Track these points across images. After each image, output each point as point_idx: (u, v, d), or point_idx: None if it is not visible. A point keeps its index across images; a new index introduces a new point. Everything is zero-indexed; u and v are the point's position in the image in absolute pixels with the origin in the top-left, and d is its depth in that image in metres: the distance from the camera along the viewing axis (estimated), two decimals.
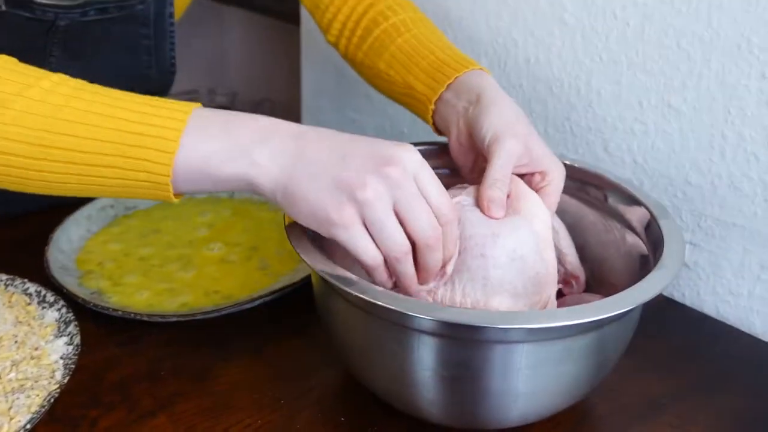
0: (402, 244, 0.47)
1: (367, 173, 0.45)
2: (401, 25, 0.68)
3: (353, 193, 0.45)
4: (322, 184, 0.46)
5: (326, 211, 0.46)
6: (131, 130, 0.47)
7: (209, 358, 0.61)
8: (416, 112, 0.66)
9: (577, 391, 0.50)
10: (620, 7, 0.70)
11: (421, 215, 0.46)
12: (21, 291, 0.64)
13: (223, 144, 0.47)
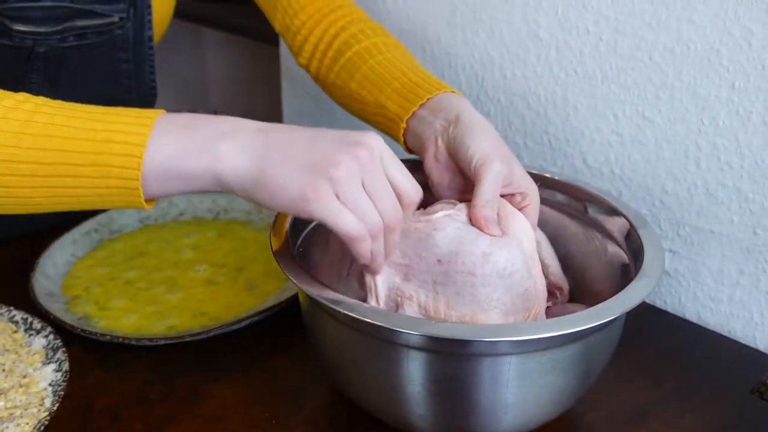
0: (377, 220, 0.48)
1: (337, 153, 0.46)
2: (373, 48, 0.70)
3: (326, 171, 0.46)
4: (294, 168, 0.47)
5: (302, 191, 0.46)
6: (98, 138, 0.47)
7: (199, 380, 0.61)
8: (387, 131, 0.67)
9: (564, 401, 0.51)
10: (592, 23, 0.72)
11: (388, 197, 0.48)
12: (7, 319, 0.64)
13: (188, 142, 0.47)
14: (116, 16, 0.73)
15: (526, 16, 0.77)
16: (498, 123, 0.83)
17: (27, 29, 0.68)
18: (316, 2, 0.74)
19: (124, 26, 0.75)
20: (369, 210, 0.47)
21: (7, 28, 0.67)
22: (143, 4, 0.75)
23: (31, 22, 0.68)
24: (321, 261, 0.62)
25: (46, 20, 0.68)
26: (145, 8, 0.76)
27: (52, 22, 0.69)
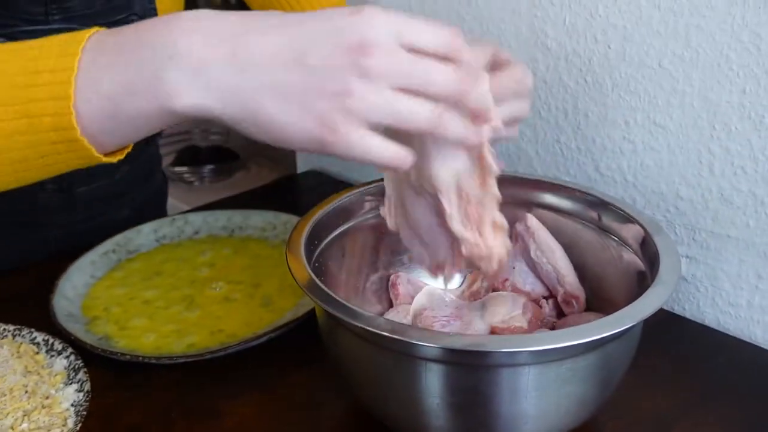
0: (430, 108, 0.38)
1: (344, 74, 0.36)
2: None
3: (342, 105, 0.36)
4: (295, 103, 0.36)
5: (316, 134, 0.37)
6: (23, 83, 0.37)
7: (218, 397, 0.61)
8: None
9: (584, 410, 0.51)
10: (600, 31, 0.72)
11: (434, 75, 0.37)
12: (29, 341, 0.65)
13: (127, 73, 0.37)
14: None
15: (533, 26, 0.77)
16: None
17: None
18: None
19: None
20: (413, 109, 0.38)
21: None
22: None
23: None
24: (337, 275, 0.62)
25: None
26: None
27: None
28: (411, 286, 0.67)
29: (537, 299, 0.64)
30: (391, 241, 0.67)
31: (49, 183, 0.78)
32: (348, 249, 0.64)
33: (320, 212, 0.61)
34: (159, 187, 0.96)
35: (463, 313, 0.62)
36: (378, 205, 0.66)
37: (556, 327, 0.62)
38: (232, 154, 1.73)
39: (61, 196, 0.78)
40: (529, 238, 0.63)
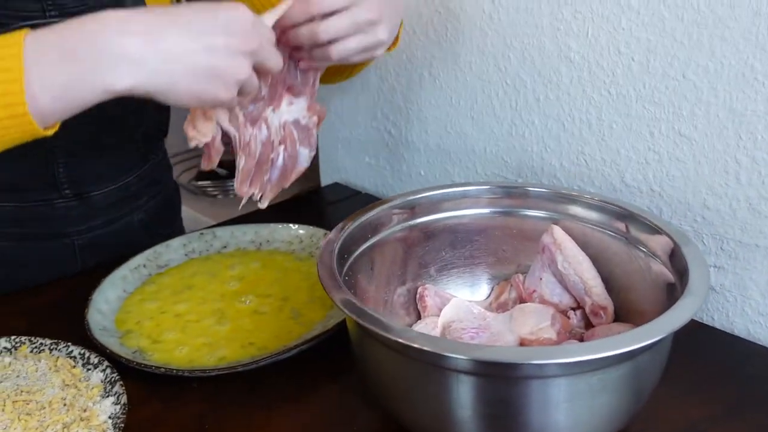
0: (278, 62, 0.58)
1: (237, 56, 0.53)
2: None
3: (233, 77, 0.54)
4: (202, 78, 0.52)
5: (215, 95, 0.54)
6: None
7: (251, 409, 0.62)
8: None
9: (616, 421, 0.51)
10: (624, 44, 0.72)
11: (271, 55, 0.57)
12: (65, 354, 0.66)
13: (72, 70, 0.48)
14: None
15: (557, 40, 0.78)
16: (533, 145, 0.84)
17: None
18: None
19: None
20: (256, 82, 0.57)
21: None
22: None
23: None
24: (366, 288, 0.63)
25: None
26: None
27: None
28: (438, 298, 0.68)
29: (564, 310, 0.65)
30: (418, 254, 0.68)
31: (66, 189, 0.80)
32: (377, 262, 0.65)
33: (349, 226, 0.62)
34: (170, 194, 0.98)
35: (491, 325, 0.63)
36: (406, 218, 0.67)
37: (585, 338, 0.62)
38: None
39: (78, 201, 0.81)
40: (555, 250, 0.64)
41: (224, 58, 0.53)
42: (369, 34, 0.64)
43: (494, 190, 0.68)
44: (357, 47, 0.64)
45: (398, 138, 1.01)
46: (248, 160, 0.66)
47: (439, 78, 0.92)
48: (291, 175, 0.69)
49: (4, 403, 0.59)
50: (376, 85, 1.00)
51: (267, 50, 0.57)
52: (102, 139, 0.82)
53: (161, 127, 0.88)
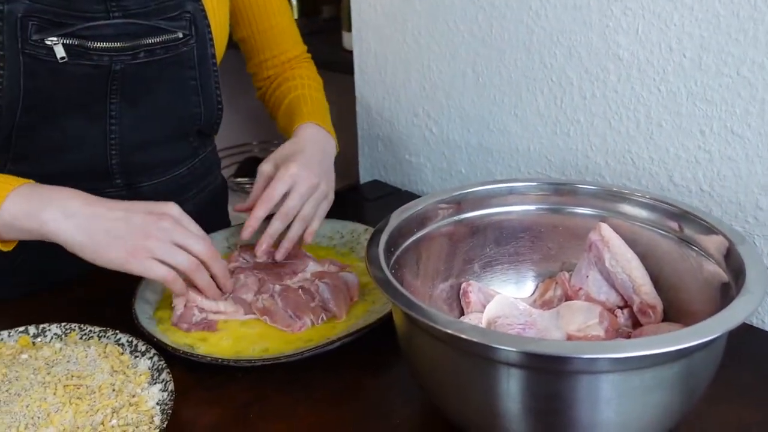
0: (190, 260, 0.68)
1: (148, 226, 0.66)
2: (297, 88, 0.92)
3: (143, 242, 0.66)
4: (119, 239, 0.66)
5: (125, 255, 0.66)
6: None
7: (294, 400, 0.63)
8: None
9: (668, 420, 0.50)
10: (675, 40, 0.71)
11: (195, 242, 0.68)
12: (114, 342, 0.68)
13: (25, 206, 0.65)
14: (180, 32, 0.78)
15: (605, 36, 0.77)
16: (578, 143, 0.83)
17: (103, 46, 0.74)
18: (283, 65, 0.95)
19: (188, 43, 0.80)
20: (180, 255, 0.67)
21: (87, 49, 0.73)
22: (203, 23, 0.80)
23: (105, 39, 0.74)
24: (412, 282, 0.63)
25: (117, 37, 0.74)
26: (205, 27, 0.81)
27: (124, 38, 0.75)
28: (482, 294, 0.68)
29: (611, 309, 0.64)
30: (463, 249, 0.68)
31: (118, 179, 0.83)
32: (423, 256, 0.65)
33: (396, 220, 0.62)
34: (218, 189, 1.00)
35: (538, 322, 0.62)
36: (452, 213, 0.67)
37: (632, 337, 0.61)
38: None
39: (127, 191, 0.83)
40: (603, 247, 0.63)
41: (141, 229, 0.66)
42: (315, 195, 0.78)
43: (542, 187, 0.67)
44: (311, 211, 0.78)
45: (439, 136, 1.01)
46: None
47: (483, 75, 0.91)
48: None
49: (56, 387, 0.61)
50: (418, 83, 1.00)
51: (180, 233, 0.68)
52: (157, 134, 0.83)
53: (213, 125, 0.89)
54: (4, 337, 0.69)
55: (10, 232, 0.67)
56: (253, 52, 0.95)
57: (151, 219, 0.67)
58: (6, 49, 0.70)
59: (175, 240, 0.67)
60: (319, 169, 0.78)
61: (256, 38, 0.94)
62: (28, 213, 0.65)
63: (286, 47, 0.95)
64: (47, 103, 0.74)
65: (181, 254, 0.67)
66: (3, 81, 0.71)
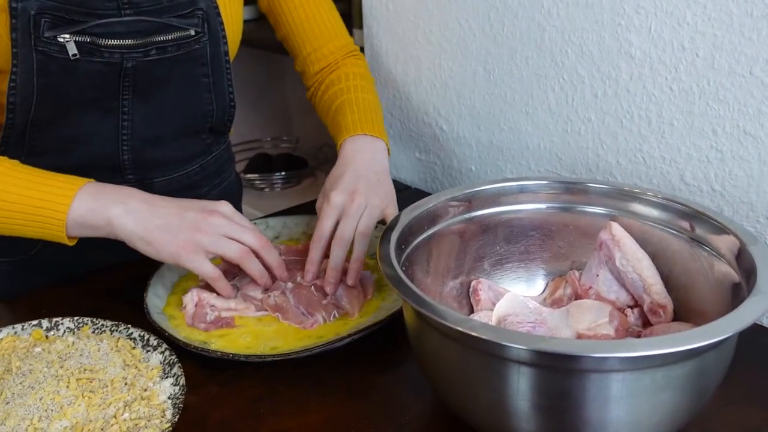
0: (241, 249, 0.70)
1: (199, 222, 0.69)
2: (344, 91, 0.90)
3: (193, 236, 0.69)
4: (172, 234, 0.69)
5: (177, 250, 0.69)
6: (33, 204, 0.68)
7: (305, 396, 0.63)
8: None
9: (678, 420, 0.50)
10: (688, 39, 0.71)
11: (246, 232, 0.71)
12: (126, 336, 0.68)
13: (93, 205, 0.69)
14: (192, 29, 0.79)
15: (617, 35, 0.77)
16: (589, 142, 0.83)
17: (114, 43, 0.74)
18: (327, 58, 0.93)
19: (201, 41, 0.80)
20: (230, 245, 0.70)
21: (98, 46, 0.74)
22: (215, 21, 0.80)
23: (116, 37, 0.74)
24: (422, 279, 0.63)
25: (129, 34, 0.75)
26: (218, 24, 0.81)
27: (135, 36, 0.75)
28: (492, 292, 0.68)
29: (621, 308, 0.64)
30: (473, 247, 0.68)
31: (129, 174, 0.83)
32: (433, 254, 0.65)
33: (407, 218, 0.62)
34: (232, 186, 1.00)
35: (548, 320, 0.62)
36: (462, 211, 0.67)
37: (642, 336, 0.61)
38: (301, 162, 1.77)
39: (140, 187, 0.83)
40: (614, 246, 0.63)
41: (192, 224, 0.69)
42: (367, 212, 0.75)
43: (553, 186, 0.67)
44: (370, 224, 0.75)
45: (450, 133, 1.01)
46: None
47: (494, 73, 0.91)
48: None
49: (69, 380, 0.61)
50: (428, 81, 1.01)
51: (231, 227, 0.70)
52: (169, 131, 0.84)
53: (227, 122, 0.90)
54: (17, 330, 0.69)
55: (77, 229, 0.69)
56: (296, 49, 0.93)
57: (203, 215, 0.69)
58: (19, 46, 0.70)
59: (226, 233, 0.69)
60: (365, 186, 0.76)
61: (295, 33, 0.92)
62: (94, 211, 0.68)
63: (327, 40, 0.92)
64: (60, 99, 0.75)
65: (231, 243, 0.70)
66: (16, 78, 0.71)
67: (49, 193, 0.68)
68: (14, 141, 0.76)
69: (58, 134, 0.77)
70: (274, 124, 1.92)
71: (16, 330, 0.69)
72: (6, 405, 0.58)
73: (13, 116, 0.74)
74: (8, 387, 0.60)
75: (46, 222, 0.68)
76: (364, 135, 0.82)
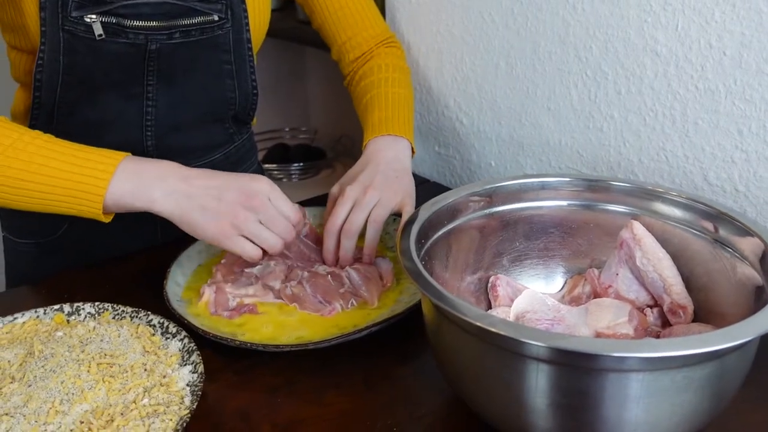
0: (276, 240, 0.71)
1: (236, 207, 0.68)
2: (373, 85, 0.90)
3: (231, 218, 0.68)
4: (210, 215, 0.68)
5: (215, 232, 0.69)
6: (72, 179, 0.68)
7: (322, 386, 0.64)
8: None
9: (697, 421, 0.50)
10: (716, 37, 0.70)
11: (279, 223, 0.71)
12: (145, 322, 0.69)
13: (133, 185, 0.68)
14: (215, 15, 0.79)
15: (643, 32, 0.76)
16: (611, 139, 0.83)
17: (139, 24, 0.75)
18: (362, 47, 0.93)
19: (224, 27, 0.80)
20: (267, 235, 0.70)
21: (123, 27, 0.75)
22: (239, 7, 0.81)
23: (142, 18, 0.75)
24: (441, 274, 0.63)
25: (154, 16, 0.76)
26: (242, 12, 0.81)
27: (160, 18, 0.76)
28: (510, 288, 0.68)
29: (641, 307, 0.64)
30: (492, 243, 0.68)
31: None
32: (453, 248, 0.65)
33: (427, 212, 0.62)
34: None
35: (566, 318, 0.62)
36: (483, 206, 0.67)
37: (662, 337, 0.61)
38: (319, 153, 1.77)
39: None
40: (634, 245, 0.63)
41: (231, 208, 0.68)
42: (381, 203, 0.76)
43: (575, 183, 0.67)
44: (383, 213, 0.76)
45: (470, 128, 1.00)
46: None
47: (516, 68, 0.91)
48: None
49: (90, 365, 0.62)
50: (450, 74, 1.00)
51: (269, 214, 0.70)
52: (192, 117, 0.84)
53: (249, 111, 0.90)
54: (40, 314, 0.70)
55: (114, 207, 0.69)
56: (331, 38, 0.94)
57: (243, 197, 0.69)
58: (47, 25, 0.71)
59: (262, 219, 0.69)
60: (381, 181, 0.77)
61: (330, 22, 0.92)
62: (133, 193, 0.68)
63: (361, 28, 0.93)
64: (85, 79, 0.76)
65: (267, 233, 0.70)
66: (44, 56, 0.73)
67: (87, 168, 0.68)
68: (42, 123, 0.77)
69: (84, 117, 0.78)
70: (292, 114, 1.93)
71: (38, 314, 0.70)
72: (28, 387, 0.59)
73: (39, 94, 0.75)
74: (30, 370, 0.61)
75: (84, 199, 0.68)
76: (388, 136, 0.83)
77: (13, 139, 0.67)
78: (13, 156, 0.67)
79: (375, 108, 0.86)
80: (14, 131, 0.68)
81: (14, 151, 0.67)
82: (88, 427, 0.56)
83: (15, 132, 0.68)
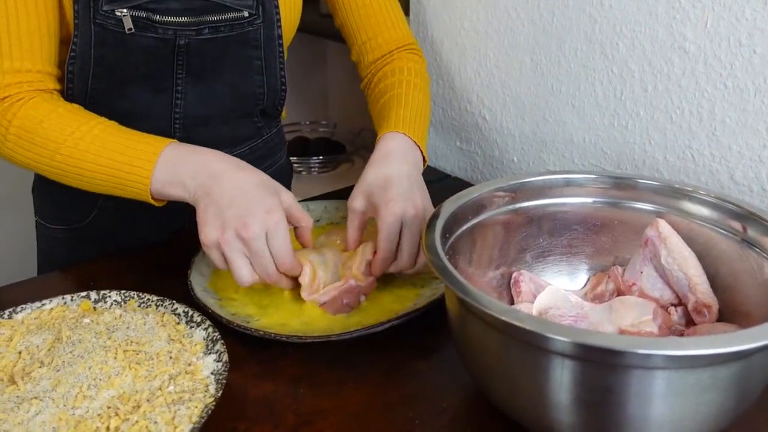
0: (273, 272, 0.67)
1: (251, 216, 0.65)
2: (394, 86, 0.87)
3: (239, 230, 0.65)
4: (218, 220, 0.66)
5: (216, 239, 0.66)
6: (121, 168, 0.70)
7: (343, 378, 0.64)
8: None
9: (721, 420, 0.50)
10: (746, 35, 0.69)
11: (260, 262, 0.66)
12: (170, 311, 0.70)
13: (171, 175, 0.69)
14: (245, 11, 0.79)
15: (671, 29, 0.76)
16: (636, 137, 0.82)
17: (168, 20, 0.76)
18: (382, 48, 0.91)
19: (254, 23, 0.81)
20: (267, 264, 0.66)
21: (153, 22, 0.75)
22: (271, 4, 0.81)
23: (171, 14, 0.76)
24: (465, 268, 0.63)
25: (184, 12, 0.76)
26: (273, 8, 0.81)
27: (189, 13, 0.77)
28: (533, 284, 0.68)
29: (665, 306, 0.63)
30: (516, 239, 0.68)
31: None
32: (477, 244, 0.65)
33: (451, 207, 0.63)
34: (282, 170, 1.01)
35: (590, 315, 0.62)
36: (507, 202, 0.67)
37: (686, 336, 0.61)
38: (339, 147, 1.77)
39: None
40: (660, 244, 0.62)
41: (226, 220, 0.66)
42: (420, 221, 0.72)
43: (601, 180, 0.67)
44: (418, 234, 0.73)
45: (493, 123, 1.00)
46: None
47: (541, 64, 0.90)
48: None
49: (116, 351, 0.63)
50: (473, 70, 1.00)
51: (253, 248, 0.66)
52: (220, 111, 0.85)
53: (278, 106, 0.91)
54: (67, 300, 0.71)
55: (160, 196, 0.71)
56: (352, 38, 0.92)
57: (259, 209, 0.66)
58: (80, 17, 0.73)
59: (247, 253, 0.66)
60: (419, 193, 0.74)
61: (350, 20, 0.90)
62: (171, 183, 0.69)
63: (383, 29, 0.90)
64: (115, 72, 0.77)
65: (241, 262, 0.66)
66: (76, 48, 0.74)
67: (134, 158, 0.70)
68: None
69: (114, 109, 0.80)
70: (312, 108, 1.93)
71: (65, 300, 0.71)
72: (57, 372, 0.60)
73: (72, 86, 0.76)
74: (59, 355, 0.62)
75: (133, 188, 0.71)
76: (405, 136, 0.79)
77: (73, 128, 0.71)
78: (72, 145, 0.70)
79: (394, 105, 0.83)
80: (77, 119, 0.72)
81: (74, 140, 0.70)
82: (116, 411, 0.57)
83: (75, 121, 0.72)
